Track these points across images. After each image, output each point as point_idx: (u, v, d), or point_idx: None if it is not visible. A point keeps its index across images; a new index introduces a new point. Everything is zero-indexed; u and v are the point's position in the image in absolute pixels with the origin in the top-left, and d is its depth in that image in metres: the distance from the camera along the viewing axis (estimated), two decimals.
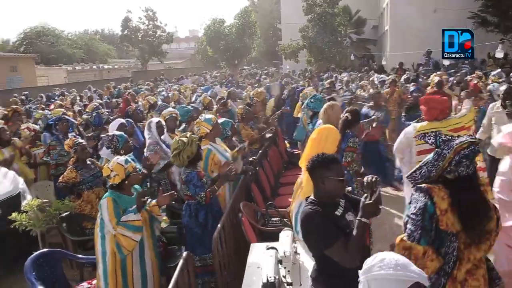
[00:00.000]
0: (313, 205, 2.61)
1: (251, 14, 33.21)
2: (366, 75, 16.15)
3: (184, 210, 4.39)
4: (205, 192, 4.18)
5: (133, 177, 3.87)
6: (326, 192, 2.61)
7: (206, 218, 4.27)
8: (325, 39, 23.78)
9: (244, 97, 10.20)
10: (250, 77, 22.35)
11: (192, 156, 4.24)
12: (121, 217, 3.64)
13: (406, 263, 1.65)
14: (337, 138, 3.74)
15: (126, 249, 3.62)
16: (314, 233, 2.53)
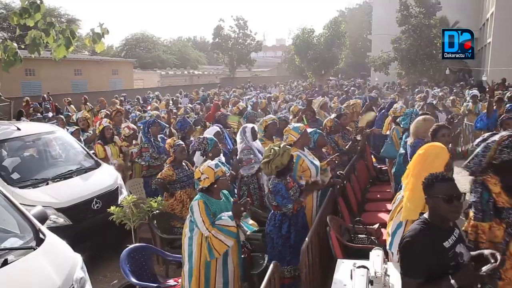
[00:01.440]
0: (424, 225, 2.54)
1: (341, 25, 32.78)
2: (461, 91, 15.16)
3: (269, 219, 4.39)
4: (292, 204, 4.14)
5: (222, 181, 3.93)
6: (438, 215, 2.52)
7: (289, 231, 4.23)
8: (419, 52, 22.72)
9: (332, 108, 10.05)
10: (336, 88, 22.04)
11: (281, 167, 4.22)
12: (212, 219, 3.72)
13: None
14: (446, 158, 3.44)
15: (217, 252, 3.68)
16: (407, 256, 2.50)
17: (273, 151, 4.21)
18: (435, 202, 2.52)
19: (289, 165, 4.25)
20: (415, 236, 2.47)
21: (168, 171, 5.49)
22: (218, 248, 3.67)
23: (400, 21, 24.09)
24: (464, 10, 26.84)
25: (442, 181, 2.53)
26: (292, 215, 4.23)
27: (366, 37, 39.13)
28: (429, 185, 2.57)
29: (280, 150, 4.20)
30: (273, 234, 4.27)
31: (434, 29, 23.30)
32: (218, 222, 3.70)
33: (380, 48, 26.75)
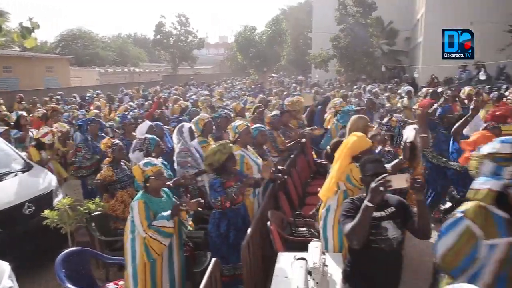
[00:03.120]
0: (356, 198, 2.94)
1: (282, 23, 33.26)
2: (396, 87, 15.92)
3: (210, 217, 4.39)
4: (221, 197, 4.11)
5: (153, 181, 3.82)
6: (365, 180, 2.91)
7: (228, 229, 4.22)
8: (357, 49, 23.59)
9: (273, 105, 10.17)
10: (278, 85, 22.34)
11: (216, 165, 4.20)
12: (151, 219, 3.66)
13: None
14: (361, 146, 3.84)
15: (155, 253, 3.63)
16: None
17: (211, 150, 4.22)
18: (367, 180, 2.85)
19: (226, 164, 4.22)
20: (351, 200, 2.96)
21: (107, 171, 5.32)
22: (157, 249, 3.62)
23: (339, 19, 24.86)
24: (398, 10, 28.09)
25: (372, 162, 2.93)
26: (231, 214, 4.23)
27: (307, 35, 39.93)
28: (362, 166, 2.97)
29: (215, 148, 4.20)
30: (212, 232, 4.26)
31: (371, 28, 24.27)
32: (156, 223, 3.64)
33: (320, 46, 27.42)
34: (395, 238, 2.79)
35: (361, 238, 2.66)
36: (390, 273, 2.88)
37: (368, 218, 2.63)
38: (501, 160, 2.57)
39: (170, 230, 3.67)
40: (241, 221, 4.28)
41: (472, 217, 2.44)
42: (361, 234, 2.66)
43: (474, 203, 2.52)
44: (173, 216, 3.70)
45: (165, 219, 3.66)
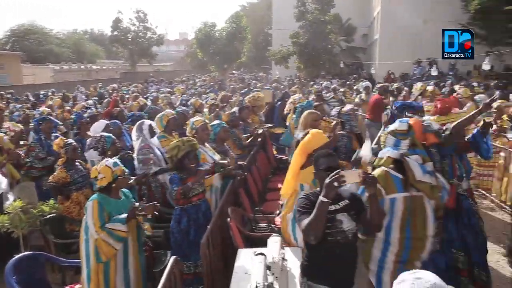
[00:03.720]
0: (311, 193, 2.95)
1: (242, 19, 33.27)
2: (355, 83, 16.27)
3: (173, 214, 4.35)
4: (177, 188, 4.10)
5: (121, 180, 3.79)
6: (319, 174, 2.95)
7: (189, 226, 4.20)
8: (316, 46, 23.92)
9: (233, 102, 10.17)
10: (239, 82, 22.34)
11: (175, 160, 4.20)
12: (105, 220, 3.57)
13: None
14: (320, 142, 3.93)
15: (104, 256, 3.54)
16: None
17: (171, 144, 4.20)
18: (320, 174, 2.91)
19: (183, 160, 4.21)
20: (302, 196, 2.98)
21: (60, 173, 5.13)
22: (106, 251, 3.54)
23: (298, 16, 25.09)
24: (356, 8, 28.69)
25: (325, 157, 2.97)
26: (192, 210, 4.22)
27: (267, 32, 40.10)
28: (316, 161, 3.00)
29: (175, 144, 4.19)
30: (174, 229, 4.25)
31: (329, 25, 24.66)
32: (110, 225, 3.56)
33: (280, 43, 27.59)
34: (350, 230, 2.85)
35: (318, 233, 2.69)
36: (346, 265, 2.94)
37: (324, 213, 2.66)
38: (400, 135, 3.34)
39: (123, 234, 3.59)
40: (202, 217, 4.27)
41: (380, 181, 3.09)
42: (317, 230, 2.68)
43: (379, 169, 3.30)
44: (129, 220, 3.62)
45: (120, 222, 3.58)
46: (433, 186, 3.30)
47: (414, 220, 3.24)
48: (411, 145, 3.36)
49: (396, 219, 3.26)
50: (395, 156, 3.27)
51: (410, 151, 3.31)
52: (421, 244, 3.26)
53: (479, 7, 18.42)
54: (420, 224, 3.25)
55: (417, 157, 3.31)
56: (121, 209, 3.71)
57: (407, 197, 3.25)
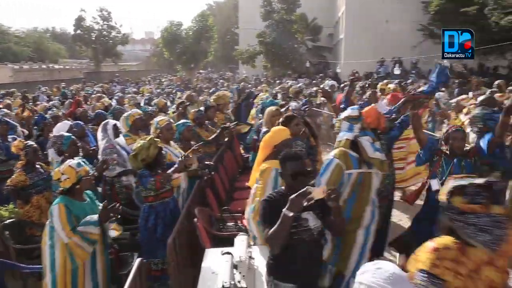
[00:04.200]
0: (275, 193, 2.97)
1: (209, 18, 33.10)
2: (321, 82, 16.50)
3: (141, 211, 4.30)
4: (155, 177, 4.07)
5: (85, 181, 3.68)
6: (286, 185, 2.94)
7: (156, 223, 4.17)
8: (282, 45, 24.12)
9: (199, 101, 10.12)
10: (206, 81, 22.24)
11: (148, 160, 4.14)
12: (74, 224, 3.48)
13: (400, 278, 1.64)
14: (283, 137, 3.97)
15: (79, 259, 3.47)
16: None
17: (140, 145, 4.12)
18: (286, 177, 2.93)
19: (158, 158, 4.20)
20: (266, 199, 2.94)
21: (19, 176, 4.95)
22: (80, 254, 3.47)
23: (264, 16, 25.23)
24: (321, 8, 29.11)
25: (291, 160, 2.92)
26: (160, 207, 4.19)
27: (234, 31, 40.11)
28: (282, 162, 2.96)
29: (146, 143, 4.12)
30: (141, 226, 4.22)
31: (295, 25, 24.90)
32: (82, 228, 3.47)
33: (247, 42, 27.68)
34: (316, 228, 2.88)
35: (280, 244, 2.72)
36: (313, 262, 2.97)
37: (288, 225, 2.67)
38: (352, 120, 3.87)
39: (96, 237, 3.52)
40: (170, 215, 4.24)
41: (338, 157, 3.68)
42: (280, 241, 2.71)
43: (338, 149, 3.79)
44: (101, 222, 3.55)
45: (93, 225, 3.49)
46: (383, 161, 3.87)
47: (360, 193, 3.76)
48: (361, 128, 3.91)
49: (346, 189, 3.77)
50: (350, 138, 3.80)
51: (361, 133, 3.86)
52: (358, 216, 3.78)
53: (438, 9, 19.07)
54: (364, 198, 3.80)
55: (368, 137, 3.85)
56: (87, 212, 3.62)
57: (360, 173, 3.77)
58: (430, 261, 1.95)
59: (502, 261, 1.99)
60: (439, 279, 1.91)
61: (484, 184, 2.03)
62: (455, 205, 2.03)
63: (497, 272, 1.97)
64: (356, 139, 3.77)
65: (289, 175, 2.88)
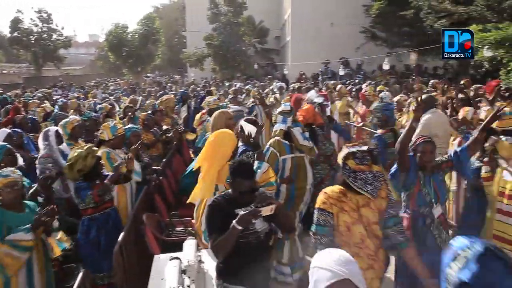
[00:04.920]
0: (221, 197, 2.95)
1: (155, 21, 32.56)
2: (269, 84, 16.71)
3: (79, 225, 4.14)
4: (92, 192, 3.91)
5: (5, 194, 3.43)
6: (234, 190, 2.91)
7: (98, 235, 4.03)
8: (230, 48, 24.19)
9: (146, 105, 9.95)
10: (154, 85, 21.86)
11: (86, 171, 3.98)
12: (4, 234, 3.29)
13: (348, 259, 1.78)
14: (233, 144, 3.88)
15: (11, 270, 3.28)
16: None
17: (77, 154, 3.96)
18: (233, 189, 2.91)
19: (96, 169, 4.03)
20: (211, 204, 2.91)
21: None
22: (12, 264, 3.28)
23: (211, 18, 25.20)
24: (268, 10, 29.46)
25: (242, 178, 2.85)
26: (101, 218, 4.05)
27: (182, 34, 39.74)
28: (232, 176, 2.89)
29: (83, 152, 3.96)
30: (81, 240, 4.04)
31: (242, 27, 25.06)
32: (11, 236, 3.30)
33: (195, 45, 27.53)
34: (263, 230, 2.90)
35: (226, 253, 2.74)
36: (261, 264, 2.99)
37: (236, 237, 2.69)
38: (285, 114, 4.71)
39: (29, 243, 3.34)
40: (112, 226, 4.11)
41: (274, 146, 4.52)
42: (227, 250, 2.73)
43: (273, 139, 4.61)
44: (34, 228, 3.38)
45: (23, 231, 3.33)
46: (311, 148, 4.69)
47: (298, 173, 4.53)
48: (293, 121, 4.74)
49: (285, 173, 4.55)
50: (284, 128, 4.63)
51: (294, 125, 4.68)
52: (301, 193, 4.55)
53: (378, 12, 19.87)
54: (302, 176, 4.55)
55: (299, 128, 4.68)
56: (25, 223, 3.44)
57: (293, 157, 4.58)
58: (320, 200, 2.76)
59: (377, 203, 2.77)
60: (328, 212, 2.70)
61: (367, 150, 2.75)
62: (349, 165, 2.73)
63: (373, 212, 2.75)
64: (289, 130, 4.62)
65: (237, 191, 2.86)
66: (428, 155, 3.50)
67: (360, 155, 2.72)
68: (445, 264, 1.65)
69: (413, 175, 3.52)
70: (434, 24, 14.51)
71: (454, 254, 1.61)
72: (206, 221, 2.88)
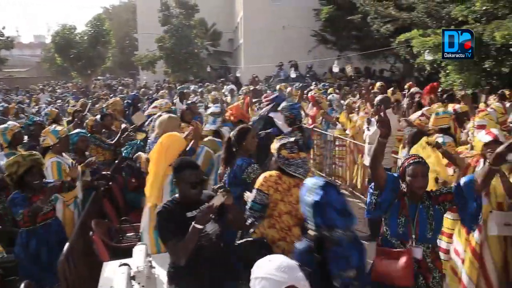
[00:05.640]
0: (170, 202, 2.86)
1: (105, 22, 31.64)
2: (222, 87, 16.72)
3: (17, 238, 3.94)
4: (23, 210, 3.72)
5: None
6: (182, 194, 2.84)
7: (38, 248, 3.86)
8: (182, 50, 24.00)
9: (95, 109, 9.69)
10: (104, 88, 21.30)
11: (15, 178, 3.81)
12: None
13: (291, 266, 1.77)
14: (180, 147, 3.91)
15: None
16: (158, 228, 2.79)
17: (8, 160, 3.81)
18: (183, 185, 2.83)
19: (25, 177, 3.83)
20: (159, 209, 2.82)
21: None
22: None
23: (163, 21, 24.89)
24: (220, 13, 29.46)
25: (188, 168, 2.82)
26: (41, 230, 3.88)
27: (133, 36, 38.93)
28: (178, 170, 2.84)
29: (13, 160, 3.83)
30: (20, 254, 3.84)
31: (194, 30, 24.93)
32: None
33: (146, 47, 27.09)
34: (214, 232, 2.91)
35: (188, 255, 2.69)
36: (214, 267, 2.97)
37: (197, 236, 2.68)
38: (215, 115, 5.40)
39: None
40: (54, 237, 3.95)
41: (207, 145, 4.90)
42: (189, 252, 2.68)
43: (207, 138, 5.06)
44: None
45: None
46: None
47: None
48: (223, 121, 5.33)
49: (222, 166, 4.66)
50: (213, 128, 5.25)
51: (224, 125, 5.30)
52: None
53: (327, 16, 20.44)
54: None
55: (227, 128, 5.23)
56: None
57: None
58: (259, 182, 3.28)
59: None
60: (264, 193, 3.22)
61: (294, 141, 3.36)
62: (282, 154, 3.29)
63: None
64: (218, 129, 5.25)
65: (189, 184, 2.80)
66: (419, 179, 2.86)
67: (289, 145, 3.31)
68: (303, 195, 2.52)
69: (389, 196, 2.95)
70: (380, 29, 15.09)
71: (307, 188, 2.50)
72: (159, 228, 2.77)
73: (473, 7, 9.66)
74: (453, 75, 9.37)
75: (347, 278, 2.36)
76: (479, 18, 9.51)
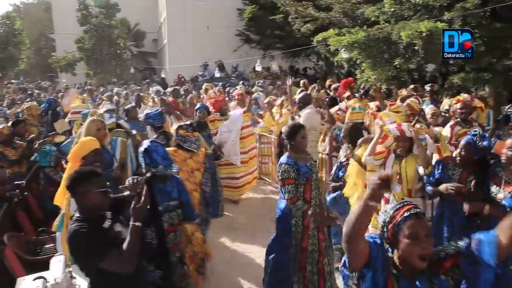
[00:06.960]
0: (78, 222, 2.52)
1: (15, 21, 29.52)
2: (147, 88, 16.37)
3: None
4: None
5: None
6: (90, 207, 2.56)
7: None
8: (104, 51, 23.12)
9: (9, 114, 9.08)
10: (19, 92, 19.91)
11: None
12: None
13: None
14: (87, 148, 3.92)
15: None
16: (84, 251, 2.45)
17: None
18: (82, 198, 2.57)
19: None
20: (74, 232, 2.48)
21: None
22: None
23: (81, 20, 23.81)
24: (143, 13, 28.68)
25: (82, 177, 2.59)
26: None
27: (49, 36, 36.72)
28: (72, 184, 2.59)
29: None
30: None
31: (116, 30, 24.09)
32: None
33: (65, 48, 25.74)
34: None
35: (135, 259, 2.52)
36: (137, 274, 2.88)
37: (140, 234, 2.55)
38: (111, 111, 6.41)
39: None
40: None
41: (118, 135, 5.41)
42: (135, 255, 2.51)
43: (113, 131, 5.49)
44: None
45: None
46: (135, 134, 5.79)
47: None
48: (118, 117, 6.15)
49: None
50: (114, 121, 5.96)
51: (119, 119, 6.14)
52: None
53: (250, 16, 20.75)
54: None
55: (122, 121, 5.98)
56: None
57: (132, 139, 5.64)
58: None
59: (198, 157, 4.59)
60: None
61: (190, 124, 4.78)
62: (180, 133, 4.53)
63: (194, 162, 4.56)
64: (117, 122, 5.96)
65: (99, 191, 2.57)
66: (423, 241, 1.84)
67: (185, 126, 4.62)
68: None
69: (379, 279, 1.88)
70: (301, 28, 15.57)
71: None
72: (86, 254, 2.45)
73: (383, 8, 10.32)
74: (368, 71, 9.93)
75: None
76: (389, 18, 10.17)
